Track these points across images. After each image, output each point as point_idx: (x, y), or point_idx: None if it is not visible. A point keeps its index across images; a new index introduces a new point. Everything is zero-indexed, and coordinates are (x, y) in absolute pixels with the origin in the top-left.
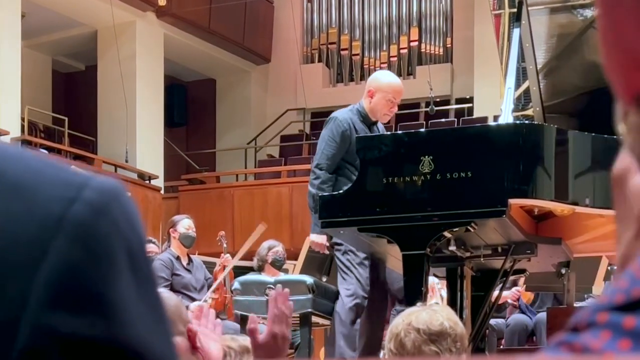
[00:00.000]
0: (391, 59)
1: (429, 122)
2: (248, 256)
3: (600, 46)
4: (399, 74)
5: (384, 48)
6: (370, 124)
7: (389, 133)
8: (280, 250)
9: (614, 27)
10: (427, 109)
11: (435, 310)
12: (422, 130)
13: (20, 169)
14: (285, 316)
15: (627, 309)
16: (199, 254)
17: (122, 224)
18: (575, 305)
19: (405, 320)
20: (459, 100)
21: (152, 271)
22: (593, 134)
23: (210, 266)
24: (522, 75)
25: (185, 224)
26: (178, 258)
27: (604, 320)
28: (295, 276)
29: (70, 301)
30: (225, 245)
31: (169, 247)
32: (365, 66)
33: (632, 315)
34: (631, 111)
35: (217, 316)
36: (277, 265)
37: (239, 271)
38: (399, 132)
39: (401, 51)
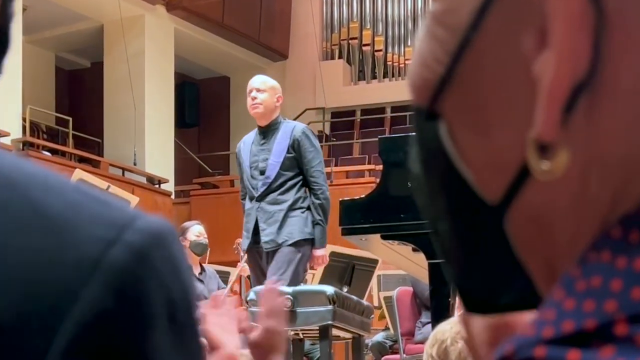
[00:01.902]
0: None
1: None
2: None
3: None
4: None
5: (409, 43)
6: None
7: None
8: None
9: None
10: None
11: None
12: None
13: (59, 202)
14: (278, 310)
15: (560, 343)
16: (209, 263)
17: (164, 271)
18: None
19: (454, 329)
20: None
21: (194, 321)
22: None
23: (224, 276)
24: None
25: (195, 231)
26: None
27: (543, 355)
28: (315, 286)
29: (97, 354)
30: (242, 254)
31: None
32: (388, 63)
33: (575, 348)
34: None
35: None
36: None
37: None
38: None
39: None
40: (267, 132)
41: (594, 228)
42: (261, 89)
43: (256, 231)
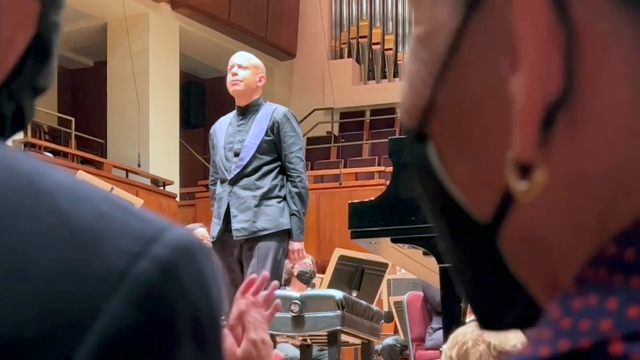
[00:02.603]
0: None
1: None
2: None
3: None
4: None
5: None
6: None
7: None
8: (309, 263)
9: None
10: None
11: (506, 334)
12: None
13: (87, 212)
14: (258, 321)
15: None
16: None
17: (191, 286)
18: None
19: (476, 332)
20: None
21: (219, 340)
22: None
23: None
24: None
25: (199, 234)
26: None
27: None
28: (323, 291)
29: None
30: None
31: None
32: (399, 62)
33: None
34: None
35: None
36: (304, 279)
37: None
38: None
39: None
40: (245, 112)
41: (587, 245)
42: (243, 65)
43: (227, 218)
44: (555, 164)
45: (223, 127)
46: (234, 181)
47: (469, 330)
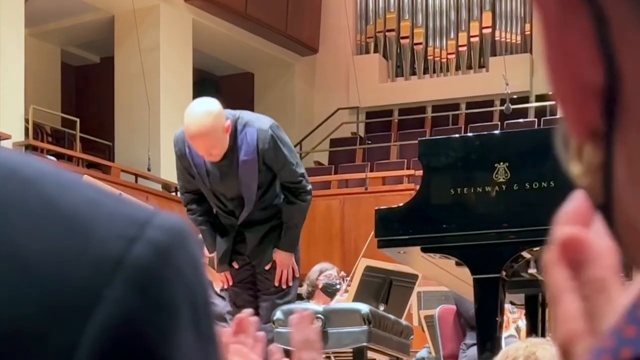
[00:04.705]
0: (460, 49)
1: (505, 122)
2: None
3: (546, 71)
4: (469, 67)
5: (451, 36)
6: None
7: (457, 136)
8: (334, 274)
9: (563, 52)
10: (503, 108)
11: None
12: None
13: (75, 199)
14: (313, 341)
15: None
16: None
17: (186, 269)
18: None
19: (530, 348)
20: (540, 97)
21: (214, 326)
22: None
23: None
24: None
25: None
26: (210, 284)
27: None
28: (348, 304)
29: (123, 355)
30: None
31: None
32: (429, 57)
33: None
34: (586, 148)
35: None
36: (330, 291)
37: None
38: (469, 134)
39: (471, 40)
40: (225, 155)
41: None
42: (211, 142)
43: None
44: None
45: (198, 159)
46: (241, 224)
47: (521, 346)
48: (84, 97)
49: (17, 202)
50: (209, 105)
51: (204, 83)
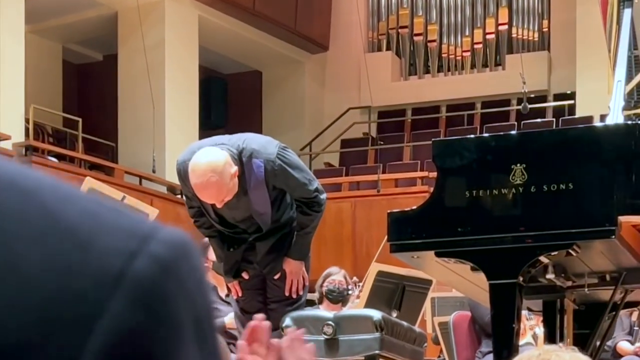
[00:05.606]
0: (475, 46)
1: (522, 122)
2: (311, 286)
3: None
4: (485, 65)
5: (467, 33)
6: None
7: (472, 136)
8: (337, 280)
9: None
10: (520, 107)
11: (578, 357)
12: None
13: (75, 211)
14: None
15: None
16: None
17: (190, 285)
18: None
19: (543, 356)
20: (558, 97)
21: (218, 342)
22: None
23: None
24: (635, 65)
25: None
26: (215, 289)
27: None
28: (360, 311)
29: None
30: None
31: None
32: (443, 55)
33: None
34: None
35: None
36: (331, 297)
37: None
38: (485, 135)
39: (487, 37)
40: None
41: None
42: (218, 190)
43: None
44: None
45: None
46: (255, 239)
47: (534, 353)
48: (86, 96)
49: (17, 214)
50: (215, 156)
51: (211, 81)
